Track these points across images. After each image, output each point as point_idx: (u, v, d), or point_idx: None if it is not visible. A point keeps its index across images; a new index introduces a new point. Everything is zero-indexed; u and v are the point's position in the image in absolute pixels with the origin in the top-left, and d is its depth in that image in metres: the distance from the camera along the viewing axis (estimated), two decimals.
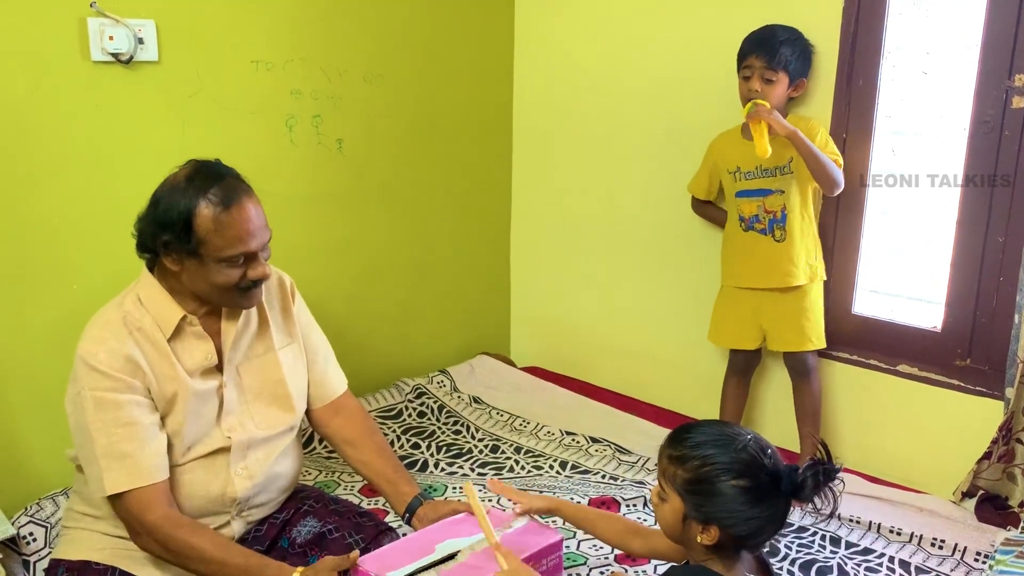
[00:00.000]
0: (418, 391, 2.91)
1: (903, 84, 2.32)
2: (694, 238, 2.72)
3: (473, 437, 2.70)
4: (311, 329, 1.96)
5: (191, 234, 1.59)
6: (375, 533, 1.83)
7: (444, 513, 1.81)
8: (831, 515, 1.34)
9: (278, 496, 1.86)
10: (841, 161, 2.29)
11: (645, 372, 3.02)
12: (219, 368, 1.74)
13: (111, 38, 2.12)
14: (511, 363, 3.30)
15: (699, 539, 1.33)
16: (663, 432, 2.73)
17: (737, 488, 1.28)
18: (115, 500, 1.63)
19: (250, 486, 1.76)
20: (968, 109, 2.19)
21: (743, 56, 2.32)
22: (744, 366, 2.53)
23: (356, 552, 1.61)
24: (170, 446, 1.68)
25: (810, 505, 1.31)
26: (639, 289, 2.99)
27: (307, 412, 1.95)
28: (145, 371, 1.63)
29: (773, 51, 2.26)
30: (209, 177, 1.62)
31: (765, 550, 1.47)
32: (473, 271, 3.24)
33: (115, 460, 1.60)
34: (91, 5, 2.10)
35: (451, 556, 1.63)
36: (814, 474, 1.28)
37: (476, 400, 2.92)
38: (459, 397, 2.93)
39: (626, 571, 1.91)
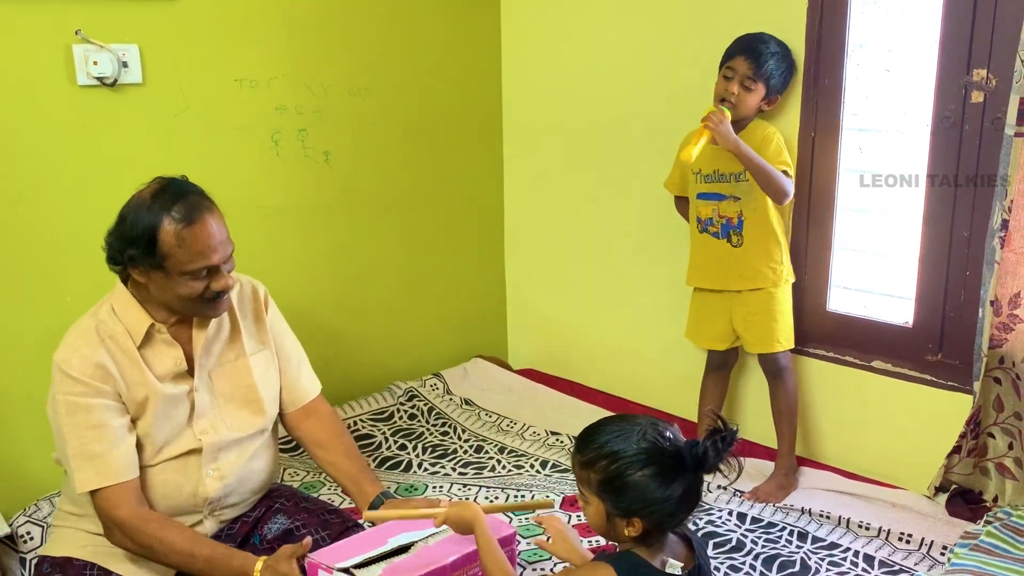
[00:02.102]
0: (410, 394, 2.99)
1: (867, 82, 2.33)
2: (683, 239, 2.74)
3: (459, 438, 2.77)
4: (284, 336, 2.04)
5: (155, 249, 1.68)
6: (341, 530, 1.90)
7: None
8: (738, 476, 1.39)
9: (250, 496, 1.94)
10: (792, 172, 2.31)
11: (638, 373, 3.06)
12: (191, 373, 1.84)
13: (95, 63, 2.24)
14: (507, 366, 3.36)
15: (626, 532, 1.39)
16: None
17: (646, 477, 1.34)
18: (91, 498, 1.73)
19: (221, 486, 1.85)
20: (930, 105, 2.20)
21: (728, 56, 2.32)
22: (719, 363, 2.56)
23: (309, 539, 1.69)
24: (142, 447, 1.77)
25: (717, 473, 1.36)
26: (633, 291, 3.02)
27: (280, 415, 2.03)
28: (115, 377, 1.73)
29: (760, 61, 2.26)
30: (172, 195, 1.71)
31: (694, 528, 1.52)
32: (468, 275, 3.31)
33: (85, 460, 1.70)
34: (76, 32, 2.22)
35: (402, 549, 1.70)
36: (713, 443, 1.34)
37: (467, 402, 2.99)
38: (451, 399, 3.00)
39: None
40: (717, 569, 2.03)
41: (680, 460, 1.35)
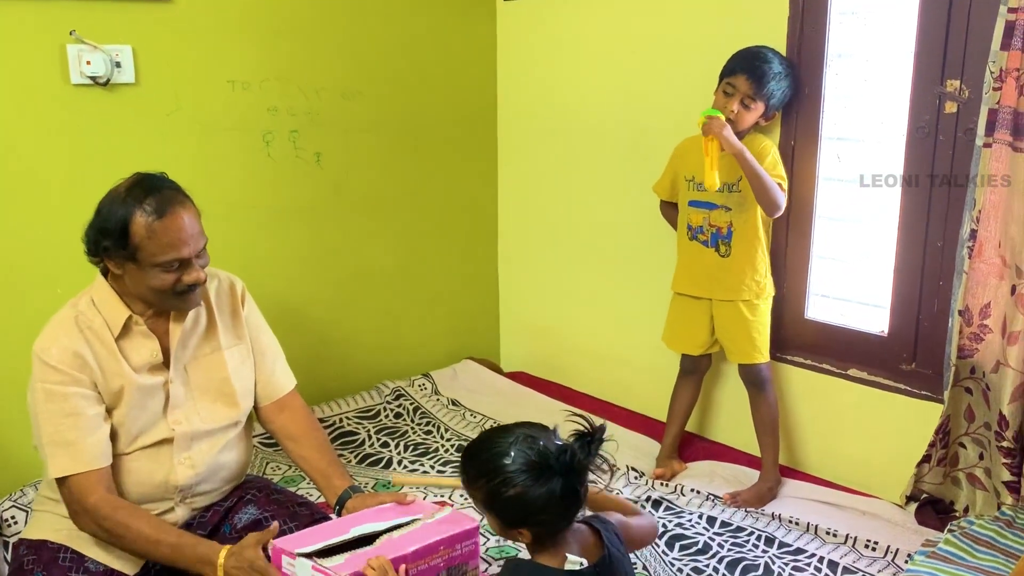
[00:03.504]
0: (397, 393, 3.03)
1: (846, 92, 2.35)
2: (673, 248, 2.75)
3: (442, 437, 2.81)
4: (260, 331, 2.07)
5: (127, 240, 1.73)
6: (309, 522, 1.93)
7: (371, 505, 1.91)
8: (612, 476, 1.42)
9: (222, 486, 1.98)
10: (786, 185, 2.33)
11: (626, 377, 3.08)
12: (167, 365, 1.89)
13: (89, 63, 2.31)
14: (498, 369, 3.40)
15: (520, 539, 1.45)
16: (630, 436, 2.82)
17: (521, 492, 1.38)
18: (60, 484, 1.78)
19: (192, 475, 1.89)
20: (905, 115, 2.21)
21: (730, 72, 2.30)
22: (691, 368, 2.59)
23: (276, 524, 1.73)
24: (117, 436, 1.82)
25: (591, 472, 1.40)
26: (623, 297, 3.05)
27: (255, 409, 2.07)
28: (92, 367, 1.78)
29: (763, 81, 2.25)
30: (146, 188, 1.76)
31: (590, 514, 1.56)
32: (461, 278, 3.35)
33: (60, 447, 1.75)
34: (70, 33, 2.29)
35: (365, 539, 1.74)
36: (581, 446, 1.38)
37: (454, 403, 3.02)
38: (438, 400, 3.04)
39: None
40: (680, 571, 2.05)
41: (551, 468, 1.38)
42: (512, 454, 1.40)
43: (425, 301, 3.25)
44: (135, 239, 1.72)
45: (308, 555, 1.66)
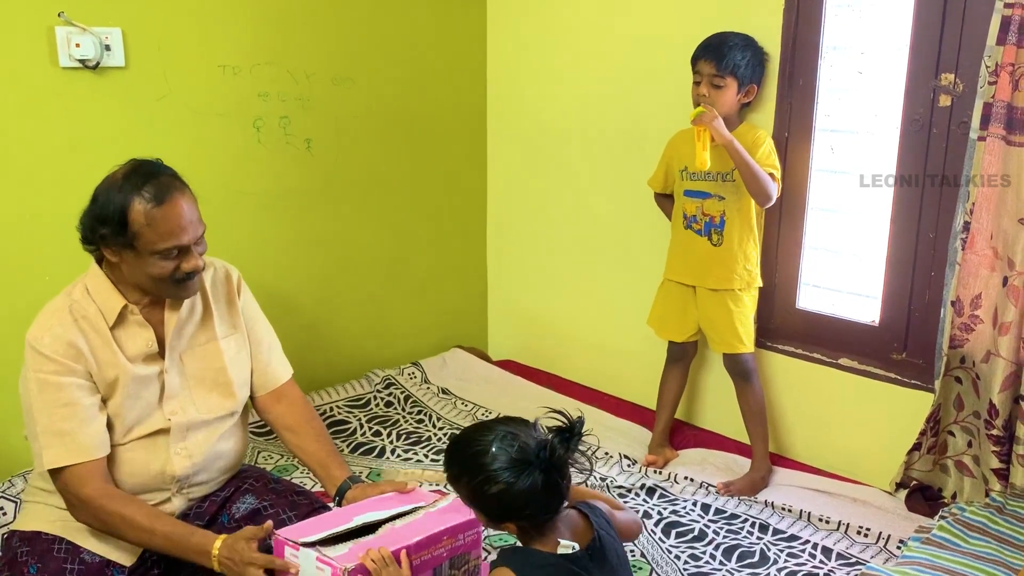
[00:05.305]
0: (387, 382, 3.02)
1: (840, 84, 2.37)
2: (661, 237, 2.77)
3: (434, 426, 2.80)
4: (256, 321, 2.05)
5: (126, 228, 1.70)
6: (308, 511, 1.92)
7: (371, 495, 1.91)
8: (591, 472, 1.45)
9: (219, 476, 1.97)
10: (778, 175, 2.34)
11: (614, 366, 3.09)
12: (162, 355, 1.86)
13: (77, 45, 2.26)
14: (486, 357, 3.40)
15: (508, 532, 1.47)
16: (619, 423, 2.83)
17: (503, 487, 1.40)
18: (55, 475, 1.75)
19: (189, 465, 1.88)
20: (900, 107, 2.24)
21: (694, 61, 2.37)
22: (679, 355, 2.61)
23: (270, 523, 1.72)
24: (112, 426, 1.80)
25: (575, 465, 1.43)
26: (611, 286, 3.06)
27: (252, 398, 2.06)
28: (87, 356, 1.75)
29: (721, 57, 2.30)
30: (144, 175, 1.73)
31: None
32: (450, 266, 3.34)
33: (55, 437, 1.73)
34: (59, 14, 2.24)
35: (368, 528, 1.73)
36: (561, 441, 1.40)
37: (444, 391, 3.02)
38: (428, 388, 3.03)
39: None
40: (677, 558, 2.07)
41: (530, 464, 1.39)
42: (493, 451, 1.41)
43: (414, 289, 3.24)
44: (134, 227, 1.70)
45: (311, 544, 1.65)
